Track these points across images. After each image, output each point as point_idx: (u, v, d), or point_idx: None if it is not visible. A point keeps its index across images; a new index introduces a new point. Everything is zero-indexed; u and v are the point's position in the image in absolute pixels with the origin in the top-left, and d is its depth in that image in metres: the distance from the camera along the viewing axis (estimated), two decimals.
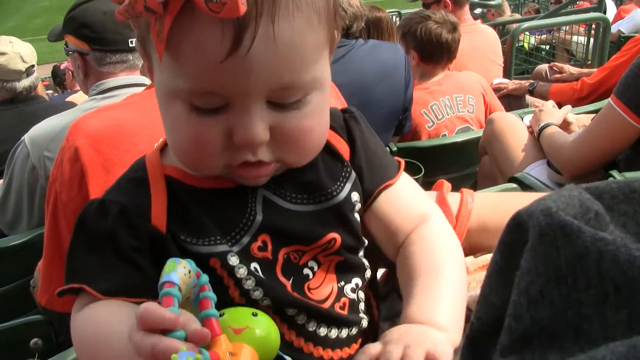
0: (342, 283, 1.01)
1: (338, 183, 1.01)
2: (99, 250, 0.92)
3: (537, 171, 2.98)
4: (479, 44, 4.86)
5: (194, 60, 0.80)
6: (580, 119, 3.25)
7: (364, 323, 1.03)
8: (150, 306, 0.72)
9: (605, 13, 7.32)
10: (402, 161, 1.11)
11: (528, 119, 3.32)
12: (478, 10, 9.86)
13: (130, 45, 2.73)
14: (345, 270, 1.02)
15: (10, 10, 30.38)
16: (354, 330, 1.01)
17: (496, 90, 4.51)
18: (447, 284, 0.95)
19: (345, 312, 1.00)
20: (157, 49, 0.80)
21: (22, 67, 3.82)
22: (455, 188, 1.29)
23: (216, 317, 0.79)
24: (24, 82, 3.87)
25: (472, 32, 4.85)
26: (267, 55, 0.79)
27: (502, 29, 8.37)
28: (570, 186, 0.50)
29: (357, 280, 1.03)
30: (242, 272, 0.92)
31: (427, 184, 1.28)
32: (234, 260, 0.92)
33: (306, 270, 0.98)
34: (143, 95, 1.87)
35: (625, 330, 0.40)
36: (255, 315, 0.84)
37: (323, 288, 0.99)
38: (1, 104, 3.94)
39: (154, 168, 0.99)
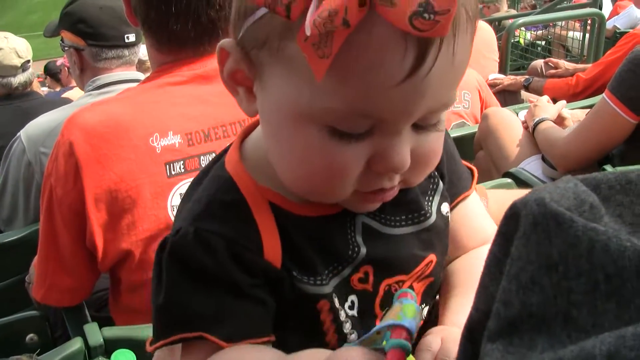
0: (423, 305, 0.96)
1: (427, 197, 0.94)
2: (210, 291, 0.80)
3: (531, 166, 2.99)
4: (475, 39, 4.86)
5: (366, 81, 0.68)
6: (575, 114, 3.26)
7: None
8: None
9: (601, 9, 7.33)
10: (475, 169, 1.04)
11: (523, 114, 3.33)
12: None
13: (127, 40, 2.74)
14: (430, 292, 0.97)
15: (6, 6, 30.30)
16: None
17: (492, 85, 4.52)
18: None
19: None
20: (313, 66, 0.65)
21: (17, 62, 3.82)
22: None
23: (405, 350, 0.65)
24: (20, 78, 3.86)
25: None
26: (442, 76, 0.71)
27: (498, 25, 8.38)
28: (566, 178, 0.51)
29: (432, 301, 0.99)
30: (342, 315, 0.85)
31: None
32: (336, 301, 0.85)
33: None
34: (138, 90, 1.88)
35: (614, 319, 0.41)
36: None
37: None
38: None
39: (252, 192, 0.85)
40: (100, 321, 1.72)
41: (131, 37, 2.74)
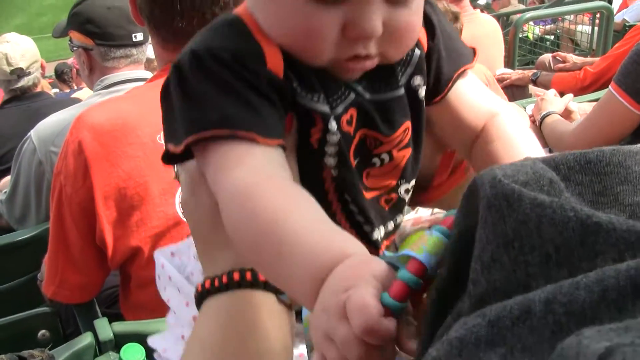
0: (402, 181, 1.00)
1: (400, 69, 0.97)
2: (233, 92, 0.83)
3: None
4: (479, 33, 4.83)
5: None
6: (582, 107, 3.26)
7: (398, 220, 1.03)
8: (372, 312, 0.57)
9: (610, 2, 7.31)
10: (476, 48, 1.08)
11: (530, 108, 3.33)
12: (482, 1, 9.84)
13: (134, 39, 2.76)
14: (411, 169, 1.00)
15: (17, 8, 30.42)
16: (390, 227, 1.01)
17: (500, 80, 4.52)
18: None
19: (387, 207, 1.00)
20: None
21: (23, 65, 3.83)
22: None
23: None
24: (30, 78, 3.89)
25: (471, 21, 4.83)
26: None
27: (506, 20, 8.36)
28: (525, 157, 0.54)
29: (413, 183, 1.03)
30: (334, 139, 0.90)
31: None
32: (332, 125, 0.89)
33: (375, 160, 0.96)
34: (145, 88, 1.90)
35: None
36: None
37: (382, 180, 0.98)
38: (6, 102, 3.98)
39: (254, 23, 0.90)
40: (111, 317, 1.74)
41: (139, 36, 2.76)
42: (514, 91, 4.54)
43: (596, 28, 6.29)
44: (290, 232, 0.72)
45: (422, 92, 0.98)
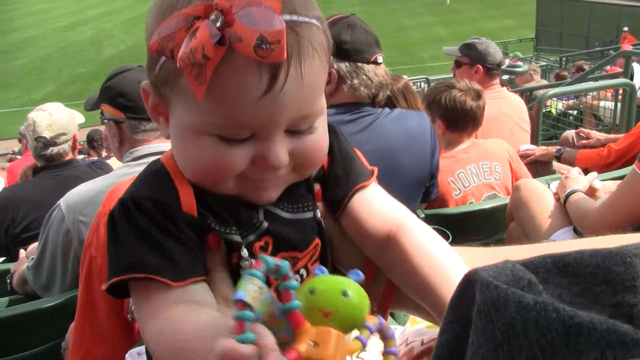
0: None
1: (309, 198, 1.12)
2: (152, 242, 0.96)
3: (563, 238, 2.98)
4: (505, 110, 4.89)
5: (234, 99, 0.90)
6: (606, 185, 3.26)
7: None
8: (227, 346, 0.74)
9: (632, 79, 7.36)
10: (376, 169, 1.18)
11: (554, 185, 3.34)
12: (505, 77, 9.95)
13: None
14: None
15: (49, 76, 31.31)
16: None
17: (523, 156, 4.53)
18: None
19: None
20: (196, 92, 0.88)
21: (57, 134, 3.93)
22: None
23: (298, 309, 0.80)
24: (56, 149, 3.98)
25: (498, 98, 4.89)
26: (295, 92, 0.92)
27: (529, 95, 8.43)
28: (505, 260, 0.57)
29: None
30: (246, 264, 1.01)
31: None
32: (244, 252, 1.01)
33: (296, 277, 1.05)
34: None
35: None
36: (345, 295, 0.84)
37: None
38: (38, 170, 4.06)
39: (173, 167, 1.04)
40: None
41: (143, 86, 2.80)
42: (538, 167, 4.55)
43: (619, 104, 6.33)
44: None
45: (318, 213, 1.12)
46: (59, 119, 4.03)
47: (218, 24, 0.86)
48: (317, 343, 0.79)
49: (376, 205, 1.13)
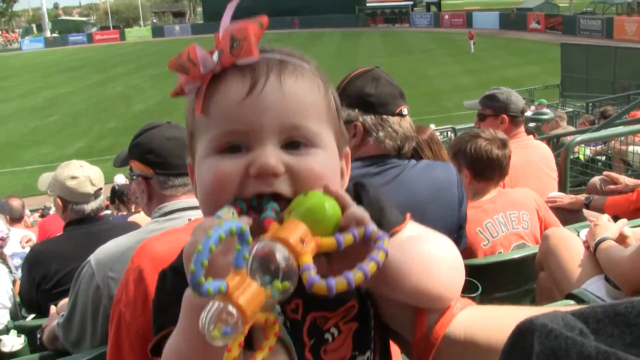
0: (357, 352, 1.13)
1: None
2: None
3: (595, 287, 2.94)
4: (532, 157, 4.86)
5: (221, 104, 1.04)
6: (637, 232, 3.22)
7: None
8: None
9: None
10: (408, 214, 1.18)
11: (584, 233, 3.31)
12: (532, 124, 9.94)
13: None
14: (362, 340, 1.14)
15: (80, 131, 31.93)
16: None
17: (551, 202, 4.50)
18: None
19: None
20: (196, 105, 1.04)
21: (91, 190, 4.00)
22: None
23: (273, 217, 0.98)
24: (92, 204, 4.04)
25: (525, 146, 4.87)
26: (275, 97, 1.03)
27: (556, 142, 8.40)
28: (554, 310, 0.57)
29: (369, 354, 1.15)
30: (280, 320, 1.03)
31: (484, 303, 1.26)
32: (277, 308, 1.04)
33: (327, 335, 1.10)
34: None
35: None
36: (305, 194, 1.01)
37: (339, 353, 1.11)
38: (70, 224, 4.11)
39: None
40: None
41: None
42: (566, 215, 4.50)
43: None
44: None
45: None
46: (98, 170, 4.12)
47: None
48: (283, 228, 0.93)
49: (413, 243, 1.13)
